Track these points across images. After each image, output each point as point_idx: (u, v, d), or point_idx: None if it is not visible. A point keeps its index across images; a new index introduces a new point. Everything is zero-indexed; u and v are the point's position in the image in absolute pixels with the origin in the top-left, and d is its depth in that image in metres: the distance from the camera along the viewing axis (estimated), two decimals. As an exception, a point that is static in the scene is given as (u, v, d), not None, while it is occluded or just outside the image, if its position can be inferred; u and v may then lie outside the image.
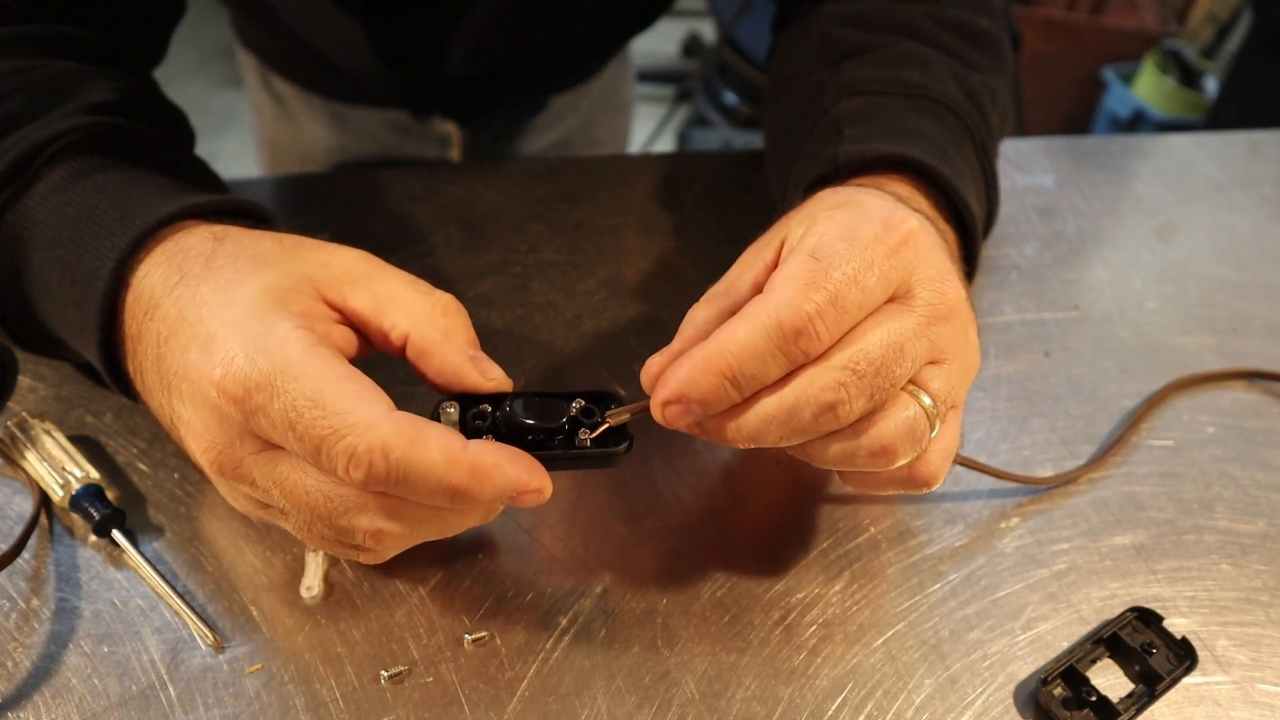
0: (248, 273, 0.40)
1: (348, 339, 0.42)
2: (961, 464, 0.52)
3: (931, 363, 0.42)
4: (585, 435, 0.42)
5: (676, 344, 0.42)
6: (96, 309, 0.43)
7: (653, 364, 0.42)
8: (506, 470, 0.38)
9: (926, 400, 0.41)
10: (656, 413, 0.40)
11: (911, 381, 0.41)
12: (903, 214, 0.41)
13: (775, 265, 0.43)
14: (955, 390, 0.43)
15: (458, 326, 0.43)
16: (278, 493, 0.39)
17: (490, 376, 0.42)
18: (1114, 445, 0.57)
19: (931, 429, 0.41)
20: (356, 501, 0.38)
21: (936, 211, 0.51)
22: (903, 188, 0.51)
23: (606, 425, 0.42)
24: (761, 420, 0.39)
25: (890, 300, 0.40)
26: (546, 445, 0.41)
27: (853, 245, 0.39)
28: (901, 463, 0.41)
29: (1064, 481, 0.55)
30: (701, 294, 0.44)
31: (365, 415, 0.36)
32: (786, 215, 0.46)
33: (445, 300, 0.43)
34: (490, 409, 0.42)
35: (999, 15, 0.66)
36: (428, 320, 0.42)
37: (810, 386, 0.39)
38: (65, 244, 0.45)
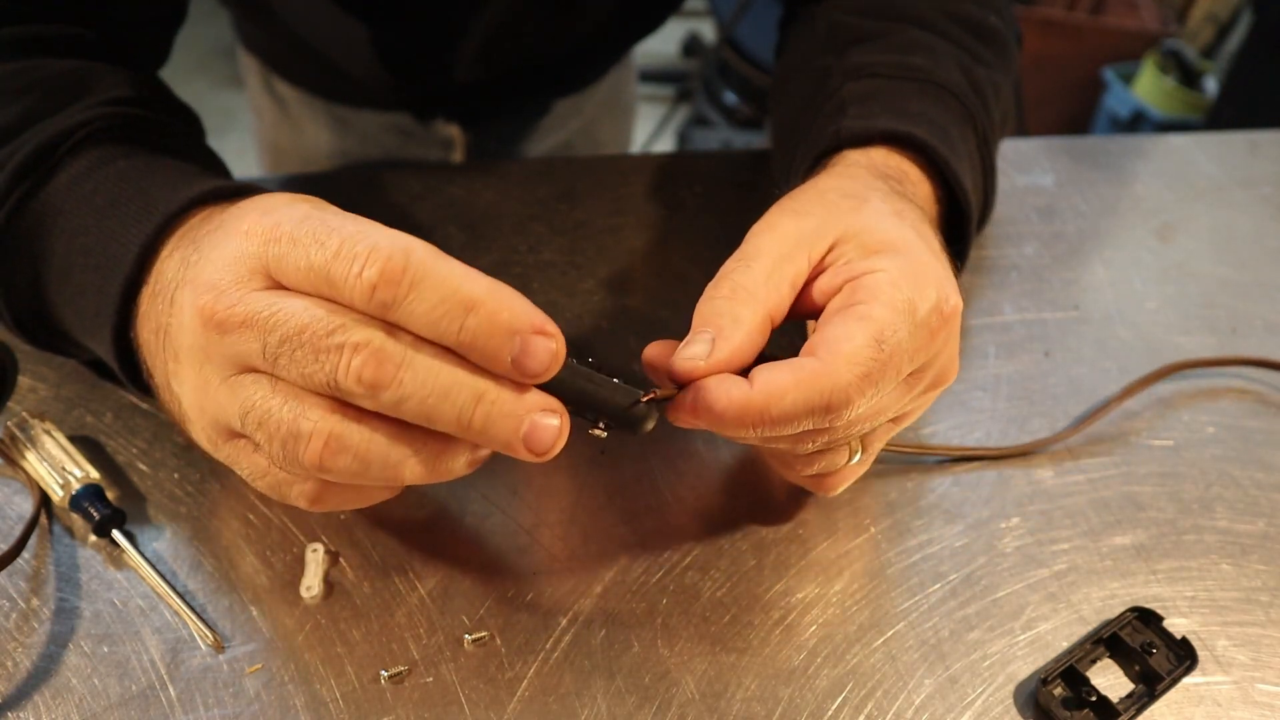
0: (275, 196, 0.41)
1: None
2: (888, 450, 0.55)
3: (891, 419, 0.45)
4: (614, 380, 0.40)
5: (723, 352, 0.40)
6: (116, 293, 0.43)
7: (696, 369, 0.40)
8: (522, 302, 0.36)
9: (854, 441, 0.44)
10: (671, 414, 0.41)
11: None
12: (952, 286, 0.43)
13: (820, 269, 0.43)
14: (893, 435, 0.46)
15: None
16: (267, 318, 0.36)
17: None
18: (1089, 419, 0.58)
19: (848, 460, 0.45)
20: (355, 318, 0.35)
21: (932, 191, 0.52)
22: (903, 163, 0.51)
23: (647, 397, 0.40)
24: (742, 438, 0.42)
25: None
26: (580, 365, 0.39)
27: (911, 331, 0.41)
28: (811, 475, 0.46)
29: (1014, 454, 0.56)
30: (701, 294, 0.43)
31: (391, 231, 0.36)
32: (825, 198, 0.46)
33: None
34: None
35: (1005, 15, 0.66)
36: None
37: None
38: (90, 231, 0.45)
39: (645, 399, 0.39)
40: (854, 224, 0.44)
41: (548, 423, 0.37)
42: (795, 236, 0.43)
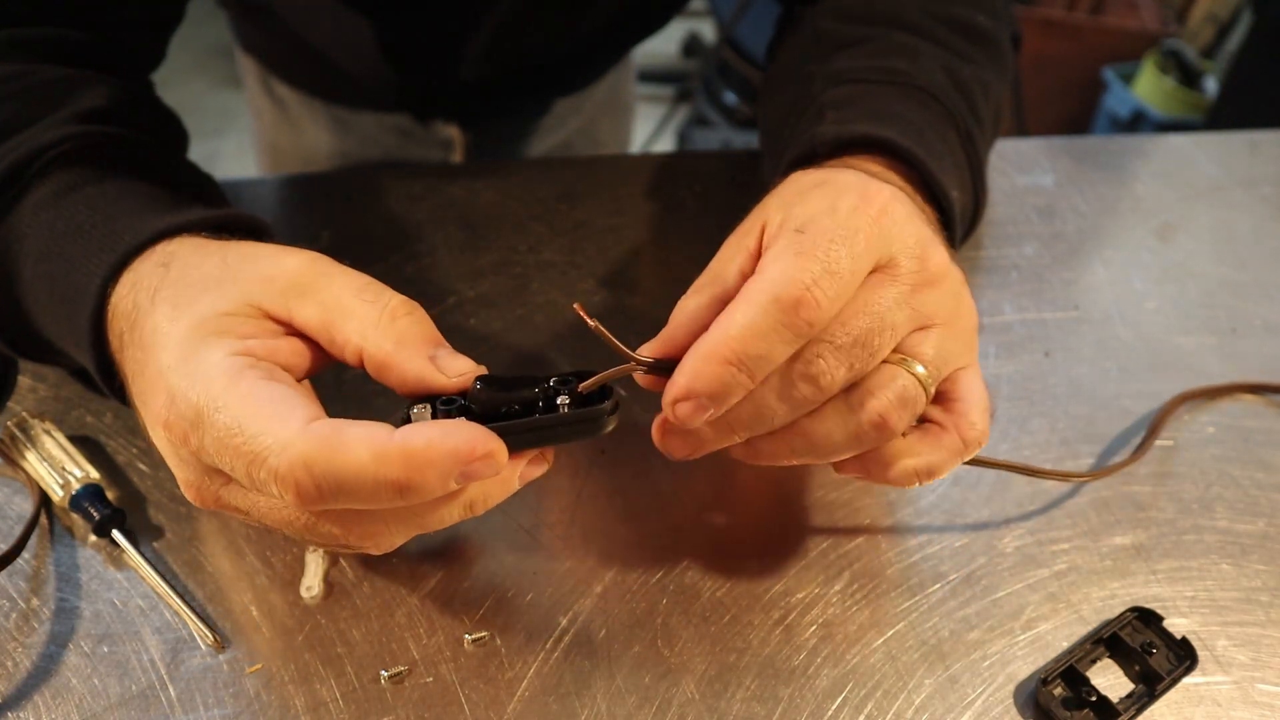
0: (186, 305, 0.39)
1: (298, 351, 0.40)
2: (981, 464, 0.51)
3: (919, 329, 0.42)
4: (564, 402, 0.39)
5: (666, 331, 0.42)
6: (87, 324, 0.43)
7: (645, 352, 0.41)
8: (443, 445, 0.35)
9: (919, 369, 0.41)
10: (667, 411, 0.39)
11: (900, 350, 0.41)
12: (876, 186, 0.42)
13: (759, 252, 0.43)
14: (954, 353, 0.43)
15: (411, 329, 0.40)
16: (257, 515, 0.39)
17: (457, 373, 0.40)
18: (1145, 444, 0.56)
19: (926, 395, 0.42)
20: (319, 513, 0.37)
21: (913, 193, 0.52)
22: (878, 169, 0.51)
23: (590, 382, 0.40)
24: (757, 406, 0.40)
25: (874, 271, 0.41)
26: (525, 419, 0.39)
27: (835, 217, 0.39)
28: (900, 431, 0.41)
29: (1096, 477, 0.55)
30: None
31: (280, 434, 0.35)
32: (764, 200, 0.46)
33: (396, 304, 0.40)
34: (461, 399, 0.40)
35: (1000, 14, 0.66)
36: (378, 330, 0.39)
37: (792, 364, 0.39)
38: (54, 258, 0.44)
39: (603, 404, 0.40)
40: (778, 197, 0.44)
41: (535, 464, 0.41)
42: (739, 234, 0.45)
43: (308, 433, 0.35)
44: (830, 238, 0.39)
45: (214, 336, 0.38)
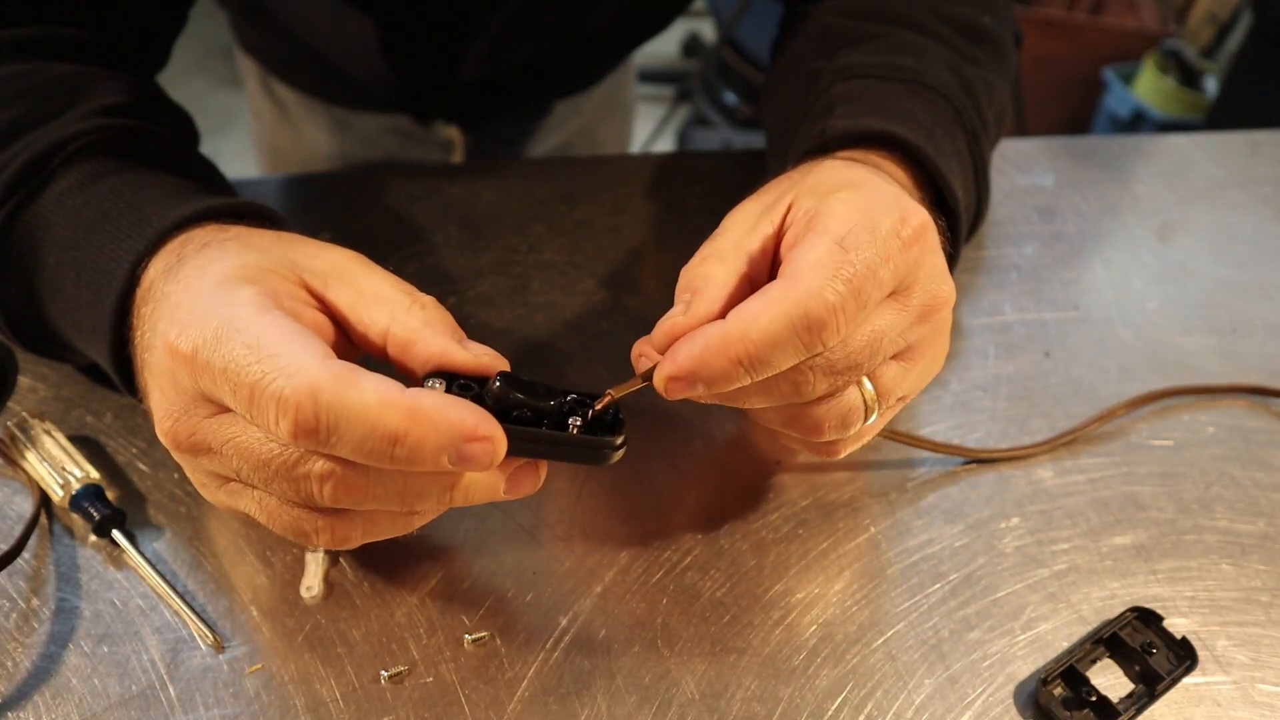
0: (232, 254, 0.41)
1: (322, 326, 0.41)
2: (886, 437, 0.53)
3: (895, 357, 0.43)
4: (575, 422, 0.40)
5: (701, 306, 0.41)
6: (110, 309, 0.43)
7: (676, 326, 0.41)
8: (448, 413, 0.35)
9: (869, 389, 0.42)
10: (659, 382, 0.39)
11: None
12: (914, 206, 0.42)
13: (781, 230, 0.43)
14: (907, 387, 0.44)
15: (439, 318, 0.42)
16: (232, 453, 0.38)
17: (479, 351, 0.41)
18: (1076, 431, 0.58)
19: (866, 418, 0.43)
20: (302, 454, 0.37)
21: (919, 192, 0.52)
22: (887, 164, 0.51)
23: (603, 402, 0.40)
24: (739, 393, 0.41)
25: (889, 295, 0.41)
26: (533, 426, 0.40)
27: (874, 238, 0.40)
28: (827, 439, 0.44)
29: (1002, 458, 0.56)
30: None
31: (298, 358, 0.35)
32: (787, 177, 0.47)
33: (427, 299, 0.42)
34: (477, 387, 0.40)
35: (1003, 15, 0.66)
36: (408, 314, 0.41)
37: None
38: (82, 246, 0.45)
39: (613, 439, 0.40)
40: (807, 182, 0.45)
41: (526, 475, 0.41)
42: (758, 210, 0.45)
43: (325, 363, 0.35)
44: (869, 264, 0.39)
45: (247, 280, 0.39)
